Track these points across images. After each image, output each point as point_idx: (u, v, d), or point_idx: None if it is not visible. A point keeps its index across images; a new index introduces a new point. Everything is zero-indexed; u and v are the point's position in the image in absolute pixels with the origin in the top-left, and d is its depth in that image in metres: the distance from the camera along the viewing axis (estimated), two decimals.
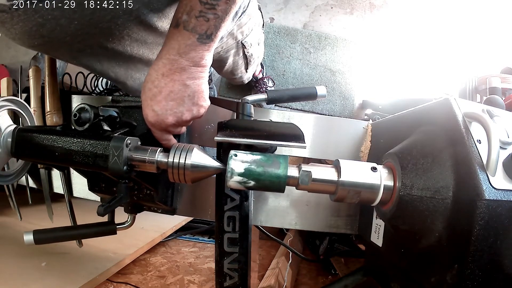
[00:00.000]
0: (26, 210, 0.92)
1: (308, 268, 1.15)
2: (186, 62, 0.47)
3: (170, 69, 0.48)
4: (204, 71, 0.50)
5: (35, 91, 0.79)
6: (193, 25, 0.45)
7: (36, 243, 0.56)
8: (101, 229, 0.61)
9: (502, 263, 0.38)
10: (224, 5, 0.45)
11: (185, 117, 0.51)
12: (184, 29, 0.46)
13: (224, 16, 0.46)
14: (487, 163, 0.39)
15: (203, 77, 0.51)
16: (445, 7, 1.60)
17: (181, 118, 0.51)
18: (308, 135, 0.73)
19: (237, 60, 0.97)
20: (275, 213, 0.76)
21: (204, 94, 0.52)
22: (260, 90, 1.51)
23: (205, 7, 0.45)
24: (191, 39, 0.46)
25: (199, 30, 0.46)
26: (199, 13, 0.45)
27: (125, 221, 0.66)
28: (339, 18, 1.66)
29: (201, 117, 0.54)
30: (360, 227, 0.73)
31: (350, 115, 1.57)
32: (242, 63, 1.01)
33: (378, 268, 0.69)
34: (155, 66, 0.49)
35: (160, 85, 0.49)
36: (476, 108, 0.45)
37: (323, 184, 0.46)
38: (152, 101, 0.50)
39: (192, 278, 1.01)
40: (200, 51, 0.47)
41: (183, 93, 0.49)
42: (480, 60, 1.52)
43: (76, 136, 0.52)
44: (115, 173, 0.49)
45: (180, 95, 0.49)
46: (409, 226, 0.46)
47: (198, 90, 0.50)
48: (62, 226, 0.59)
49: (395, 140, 0.55)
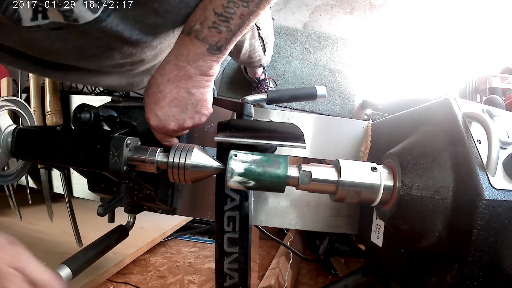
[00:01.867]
0: (26, 210, 0.92)
1: (308, 268, 1.15)
2: (194, 70, 0.47)
3: (176, 75, 0.48)
4: (210, 81, 0.50)
5: (35, 91, 0.79)
6: (205, 35, 0.45)
7: (74, 276, 0.50)
8: (118, 235, 0.61)
9: (502, 263, 0.38)
10: (238, 20, 0.45)
11: (187, 124, 0.51)
12: (195, 38, 0.46)
13: (237, 31, 0.46)
14: (487, 163, 0.39)
15: (209, 86, 0.50)
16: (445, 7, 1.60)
17: (182, 125, 0.51)
18: (308, 135, 0.73)
19: (253, 43, 0.96)
20: (275, 213, 0.76)
21: (208, 103, 0.52)
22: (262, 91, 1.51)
23: (219, 19, 0.44)
24: (201, 48, 0.46)
25: (210, 41, 0.45)
26: (212, 23, 0.45)
27: (127, 221, 0.66)
28: (339, 18, 1.66)
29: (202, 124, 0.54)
30: (360, 227, 0.73)
31: (350, 115, 1.57)
32: (259, 46, 1.00)
33: (378, 268, 0.69)
34: (161, 70, 0.49)
35: (165, 91, 0.48)
36: (476, 108, 0.45)
37: (323, 184, 0.46)
38: (155, 105, 0.50)
39: (192, 278, 1.01)
40: (208, 61, 0.47)
41: (187, 100, 0.49)
42: (480, 60, 1.52)
43: (76, 136, 0.52)
44: (115, 173, 0.49)
45: (184, 102, 0.49)
46: (409, 226, 0.46)
47: (202, 99, 0.50)
48: (86, 247, 0.56)
49: (395, 140, 0.55)
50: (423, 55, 1.59)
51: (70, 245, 0.88)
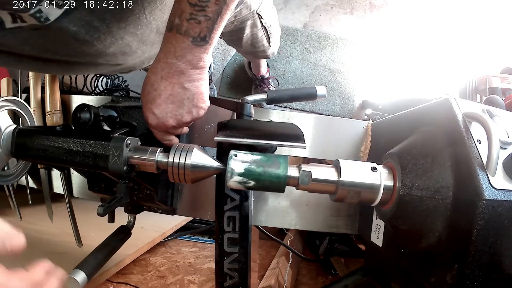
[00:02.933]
0: (26, 210, 0.92)
1: (308, 268, 1.15)
2: (184, 65, 0.47)
3: (168, 72, 0.48)
4: (203, 73, 0.50)
5: (35, 91, 0.79)
6: (185, 28, 0.45)
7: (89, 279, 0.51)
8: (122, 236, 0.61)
9: (502, 263, 0.38)
10: (214, 6, 0.44)
11: (185, 119, 0.51)
12: (177, 33, 0.46)
13: (216, 17, 0.45)
14: (487, 163, 0.39)
15: (203, 78, 0.50)
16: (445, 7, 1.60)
17: (181, 120, 0.51)
18: (308, 135, 0.73)
19: (256, 32, 0.94)
20: (275, 213, 0.76)
21: (204, 96, 0.52)
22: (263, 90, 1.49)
23: (195, 9, 0.44)
24: (185, 42, 0.46)
25: (192, 33, 0.45)
26: (189, 15, 0.44)
27: (128, 221, 0.66)
28: (339, 18, 1.66)
29: (201, 117, 0.54)
30: (360, 227, 0.73)
31: (350, 115, 1.57)
32: (263, 36, 0.98)
33: (378, 268, 0.69)
34: (153, 69, 0.49)
35: (159, 88, 0.49)
36: (476, 108, 0.45)
37: (323, 184, 0.46)
38: (152, 104, 0.50)
39: (192, 278, 1.01)
40: (196, 53, 0.47)
41: (182, 95, 0.49)
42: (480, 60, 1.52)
43: (76, 136, 0.52)
44: (115, 173, 0.49)
45: (180, 97, 0.49)
46: (409, 226, 0.46)
47: (198, 92, 0.50)
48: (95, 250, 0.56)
49: (395, 140, 0.55)
50: (423, 55, 1.59)
51: (70, 245, 0.88)
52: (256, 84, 1.50)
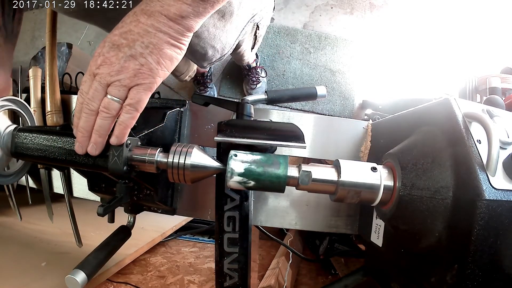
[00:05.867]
0: (26, 210, 0.92)
1: (308, 268, 1.15)
2: (159, 8, 0.44)
3: (142, 9, 0.45)
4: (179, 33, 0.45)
5: (35, 91, 0.79)
6: None
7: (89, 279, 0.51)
8: (122, 236, 0.61)
9: (502, 263, 0.38)
10: None
11: (124, 63, 0.45)
12: None
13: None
14: (487, 163, 0.39)
15: (176, 38, 0.46)
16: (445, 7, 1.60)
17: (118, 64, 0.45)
18: (308, 135, 0.73)
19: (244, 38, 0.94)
20: (275, 213, 0.76)
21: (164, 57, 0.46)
22: (252, 79, 1.48)
23: None
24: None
25: None
26: None
27: (128, 221, 0.66)
28: (339, 18, 1.66)
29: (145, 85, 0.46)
30: (360, 227, 0.73)
31: (350, 115, 1.57)
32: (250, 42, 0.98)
33: (378, 268, 0.69)
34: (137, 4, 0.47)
35: (125, 21, 0.46)
36: (476, 108, 0.45)
37: (323, 184, 0.46)
38: (111, 33, 0.47)
39: (192, 278, 1.01)
40: (179, 2, 0.43)
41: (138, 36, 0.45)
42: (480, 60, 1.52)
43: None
44: (115, 173, 0.49)
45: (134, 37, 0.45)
46: (409, 226, 0.46)
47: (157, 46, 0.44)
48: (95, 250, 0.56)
49: (395, 140, 0.55)
50: (423, 55, 1.59)
51: (70, 245, 0.88)
52: (244, 74, 1.50)
